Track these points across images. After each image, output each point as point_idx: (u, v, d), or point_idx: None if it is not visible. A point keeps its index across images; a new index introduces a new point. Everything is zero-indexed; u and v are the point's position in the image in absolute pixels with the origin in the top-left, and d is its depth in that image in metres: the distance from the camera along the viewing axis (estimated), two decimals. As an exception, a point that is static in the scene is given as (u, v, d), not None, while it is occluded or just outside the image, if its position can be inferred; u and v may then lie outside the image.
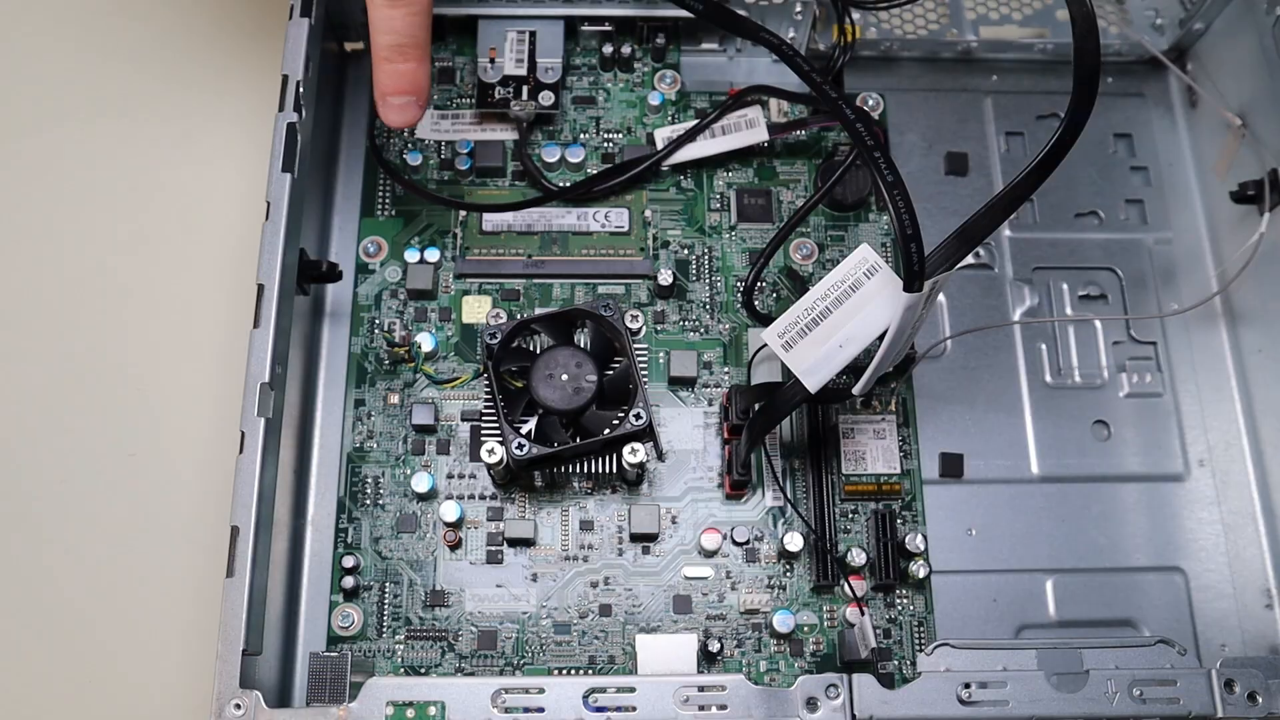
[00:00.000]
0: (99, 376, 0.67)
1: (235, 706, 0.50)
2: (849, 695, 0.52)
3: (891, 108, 0.73)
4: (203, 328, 0.68)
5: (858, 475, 0.64)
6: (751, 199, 0.69)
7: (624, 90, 0.72)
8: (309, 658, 0.57)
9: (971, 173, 0.72)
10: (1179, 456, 0.67)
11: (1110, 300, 0.70)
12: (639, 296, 0.67)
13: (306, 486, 0.63)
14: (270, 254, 0.57)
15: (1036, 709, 0.52)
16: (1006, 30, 0.74)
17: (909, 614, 0.62)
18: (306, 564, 0.62)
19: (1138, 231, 0.72)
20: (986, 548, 0.65)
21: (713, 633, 0.61)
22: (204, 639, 0.62)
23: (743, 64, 0.74)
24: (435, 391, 0.64)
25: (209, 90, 0.74)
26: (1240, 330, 0.69)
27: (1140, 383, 0.68)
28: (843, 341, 0.52)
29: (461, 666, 0.60)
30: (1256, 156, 0.67)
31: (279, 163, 0.59)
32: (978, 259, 0.71)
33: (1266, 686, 0.53)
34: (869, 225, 0.69)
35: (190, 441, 0.66)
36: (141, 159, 0.72)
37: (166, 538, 0.64)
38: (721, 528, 0.62)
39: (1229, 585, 0.65)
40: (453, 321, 0.66)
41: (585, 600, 0.61)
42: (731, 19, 0.63)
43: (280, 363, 0.57)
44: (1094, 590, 0.64)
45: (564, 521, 0.63)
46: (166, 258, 0.70)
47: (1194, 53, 0.74)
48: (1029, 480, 0.66)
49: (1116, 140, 0.74)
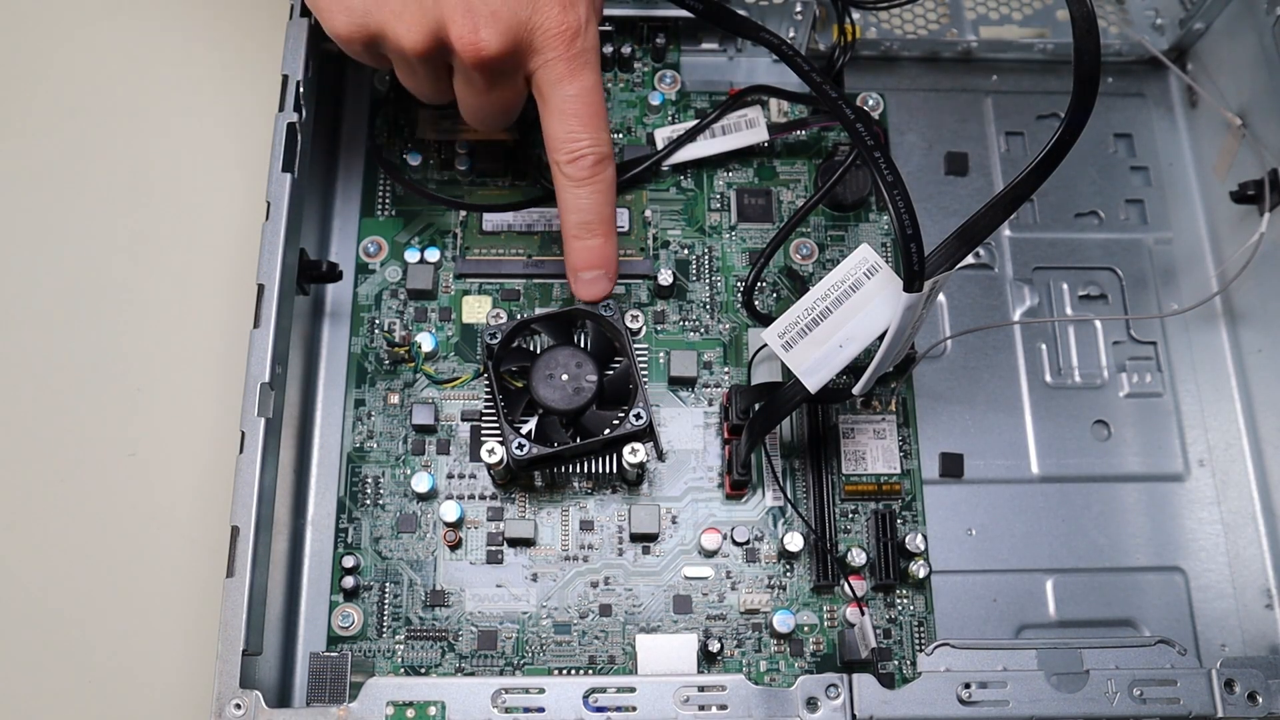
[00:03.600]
0: (99, 376, 0.67)
1: (235, 706, 0.50)
2: (849, 695, 0.52)
3: (891, 108, 0.73)
4: (203, 328, 0.68)
5: (858, 475, 0.64)
6: (751, 199, 0.69)
7: (624, 90, 0.72)
8: (309, 658, 0.57)
9: (971, 173, 0.72)
10: (1179, 456, 0.67)
11: (1110, 300, 0.70)
12: (639, 296, 0.67)
13: (306, 486, 0.63)
14: (270, 254, 0.57)
15: (1036, 709, 0.52)
16: (1006, 30, 0.74)
17: (909, 614, 0.62)
18: (306, 564, 0.62)
19: (1138, 231, 0.72)
20: (986, 548, 0.65)
21: (713, 633, 0.61)
22: (204, 639, 0.62)
23: (743, 64, 0.74)
24: (435, 391, 0.65)
25: (209, 90, 0.74)
26: (1240, 330, 0.69)
27: (1140, 383, 0.68)
28: (843, 341, 0.52)
29: (461, 666, 0.60)
30: (1256, 156, 0.67)
31: (279, 163, 0.59)
32: (978, 259, 0.71)
33: (1266, 686, 0.53)
34: (869, 225, 0.69)
35: (190, 441, 0.66)
36: (141, 159, 0.72)
37: (166, 538, 0.64)
38: (721, 528, 0.62)
39: (1229, 585, 0.65)
40: (453, 321, 0.66)
41: (585, 600, 0.61)
42: (731, 19, 0.63)
43: (280, 363, 0.57)
44: (1094, 590, 0.64)
45: (564, 521, 0.63)
46: (166, 257, 0.70)
47: (1194, 53, 0.74)
48: (1029, 480, 0.66)
49: (1116, 140, 0.74)
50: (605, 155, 0.58)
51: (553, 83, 0.57)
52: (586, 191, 0.58)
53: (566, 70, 0.57)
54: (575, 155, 0.58)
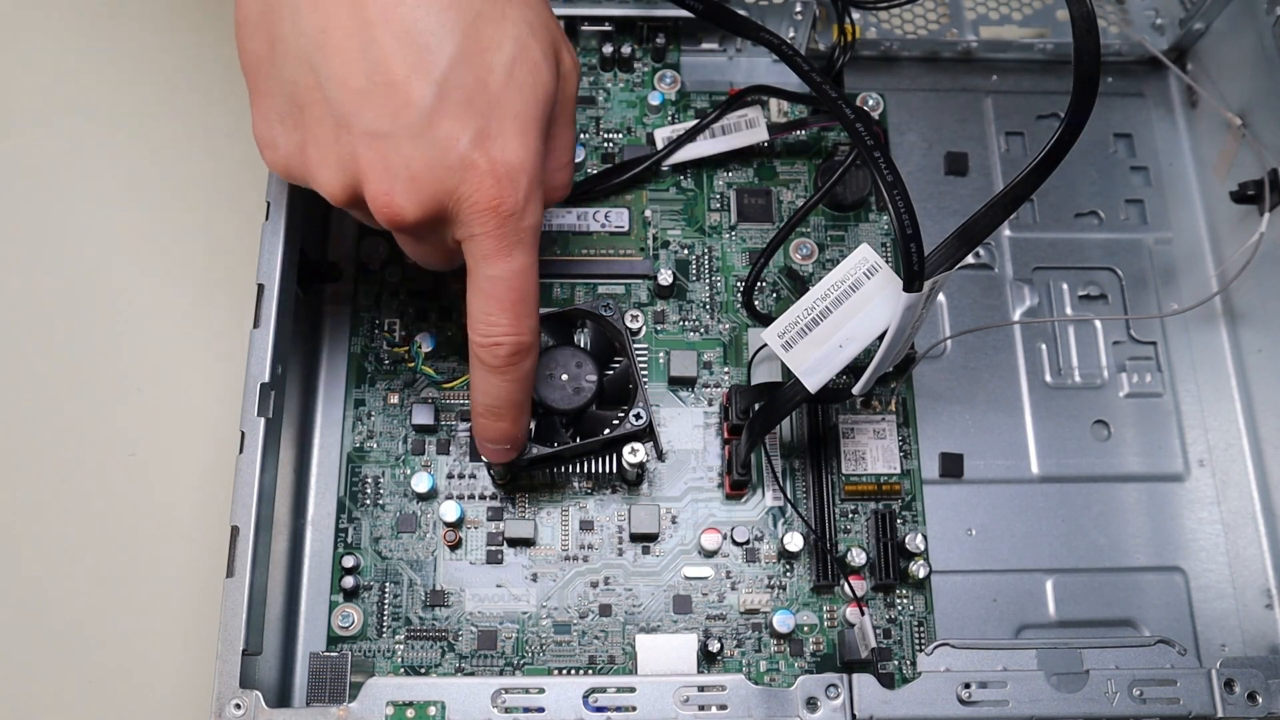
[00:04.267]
0: (99, 376, 0.67)
1: (235, 706, 0.50)
2: (849, 695, 0.52)
3: (891, 108, 0.73)
4: (203, 328, 0.69)
5: (858, 475, 0.64)
6: (751, 199, 0.69)
7: (624, 90, 0.72)
8: (309, 658, 0.57)
9: (971, 173, 0.72)
10: (1179, 456, 0.67)
11: (1110, 300, 0.70)
12: (639, 296, 0.67)
13: (306, 486, 0.63)
14: (270, 254, 0.57)
15: (1036, 709, 0.52)
16: (1006, 30, 0.74)
17: (909, 614, 0.62)
18: (306, 564, 0.62)
19: (1138, 231, 0.72)
20: (986, 548, 0.65)
21: (713, 633, 0.61)
22: (204, 639, 0.62)
23: (743, 64, 0.74)
24: (435, 391, 0.65)
25: (209, 90, 0.74)
26: (1240, 330, 0.69)
27: (1140, 383, 0.68)
28: (843, 341, 0.52)
29: (461, 666, 0.60)
30: (1256, 156, 0.67)
31: (279, 163, 0.59)
32: (978, 259, 0.71)
33: (1266, 686, 0.53)
34: (869, 225, 0.69)
35: (190, 441, 0.66)
36: (141, 159, 0.72)
37: (166, 538, 0.64)
38: (721, 528, 0.62)
39: (1229, 585, 0.65)
40: (453, 321, 0.66)
41: (585, 600, 0.61)
42: (731, 19, 0.63)
43: (280, 363, 0.57)
44: (1094, 590, 0.64)
45: (564, 521, 0.63)
46: (166, 257, 0.70)
47: (1194, 53, 0.74)
48: (1029, 480, 0.66)
49: (1116, 140, 0.74)
50: (524, 346, 0.52)
51: (477, 259, 0.50)
52: (497, 380, 0.53)
53: (493, 249, 0.50)
54: (490, 342, 0.52)
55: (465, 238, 0.50)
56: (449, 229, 0.51)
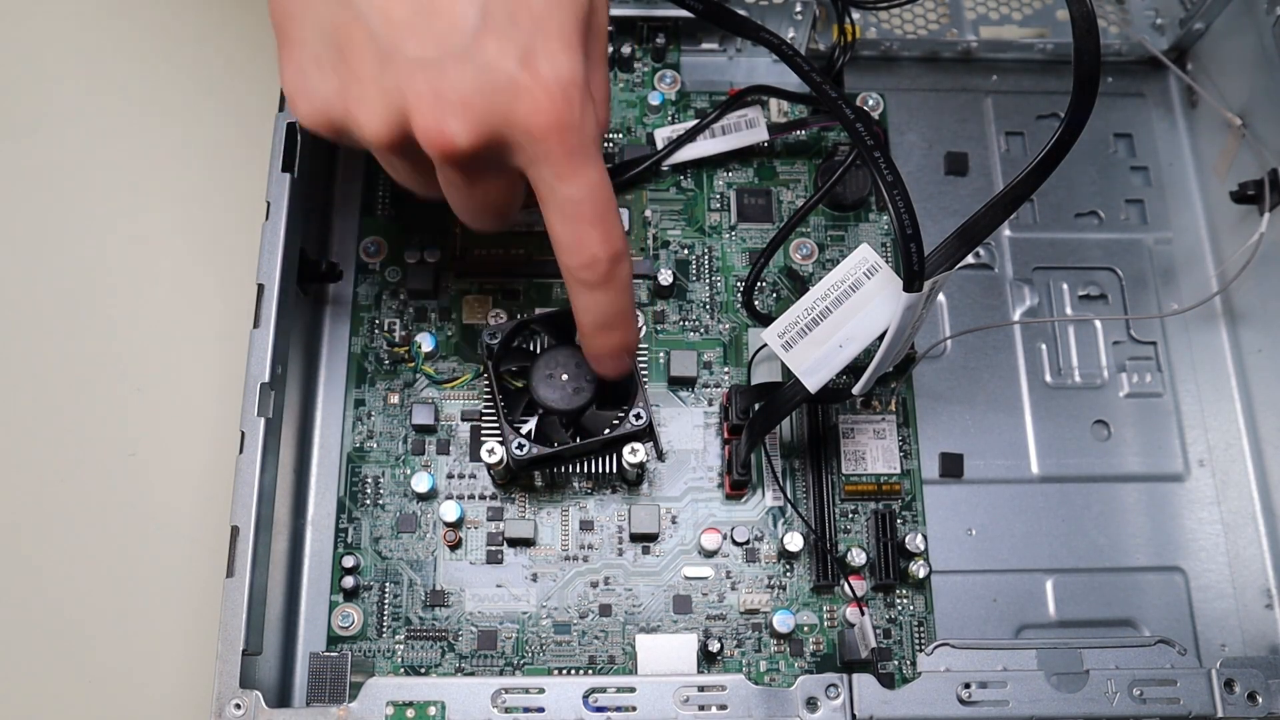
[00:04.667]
0: (99, 376, 0.67)
1: (235, 706, 0.50)
2: (849, 695, 0.52)
3: (891, 108, 0.73)
4: (202, 328, 0.69)
5: (858, 475, 0.64)
6: (751, 199, 0.69)
7: (624, 90, 0.72)
8: (309, 658, 0.57)
9: (971, 173, 0.72)
10: (1179, 456, 0.67)
11: (1110, 300, 0.70)
12: (639, 296, 0.67)
13: (306, 486, 0.63)
14: (270, 254, 0.57)
15: (1036, 709, 0.52)
16: (1006, 30, 0.74)
17: (909, 614, 0.62)
18: (306, 564, 0.62)
19: (1138, 231, 0.72)
20: (986, 548, 0.65)
21: (713, 633, 0.61)
22: (204, 639, 0.62)
23: (743, 64, 0.74)
24: (435, 391, 0.65)
25: (209, 90, 0.74)
26: (1240, 330, 0.69)
27: (1140, 383, 0.68)
28: (843, 341, 0.52)
29: (461, 666, 0.60)
30: (1256, 156, 0.67)
31: (279, 163, 0.59)
32: (978, 259, 0.71)
33: (1266, 686, 0.53)
34: (869, 225, 0.69)
35: (190, 441, 0.66)
36: (141, 159, 0.73)
37: (166, 538, 0.64)
38: (721, 528, 0.62)
39: (1229, 585, 0.65)
40: (453, 321, 0.66)
41: (585, 600, 0.61)
42: (731, 19, 0.63)
43: (280, 363, 0.57)
44: (1094, 590, 0.64)
45: (564, 521, 0.63)
46: (166, 257, 0.70)
47: (1194, 53, 0.74)
48: (1029, 480, 0.66)
49: (1116, 140, 0.74)
50: (619, 253, 0.51)
51: (550, 183, 0.49)
52: (602, 295, 0.52)
53: (564, 168, 0.48)
54: (586, 260, 0.51)
55: (529, 163, 0.49)
56: (508, 156, 0.49)
